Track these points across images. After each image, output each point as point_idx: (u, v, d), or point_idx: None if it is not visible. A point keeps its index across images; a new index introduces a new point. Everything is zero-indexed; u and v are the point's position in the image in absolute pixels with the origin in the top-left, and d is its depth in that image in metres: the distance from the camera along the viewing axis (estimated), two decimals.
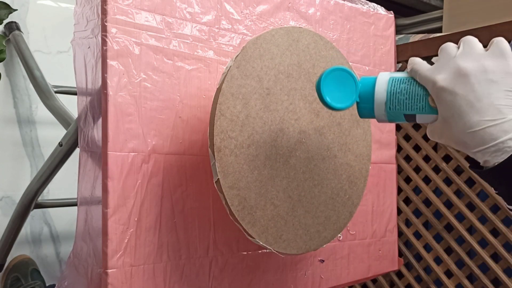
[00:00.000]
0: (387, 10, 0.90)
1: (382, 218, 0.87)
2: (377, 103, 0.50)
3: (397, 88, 0.49)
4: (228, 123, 0.54)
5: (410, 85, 0.49)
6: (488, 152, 0.45)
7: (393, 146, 0.89)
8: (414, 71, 0.49)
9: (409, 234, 1.16)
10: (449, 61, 0.47)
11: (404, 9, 1.66)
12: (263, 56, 0.58)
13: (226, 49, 0.66)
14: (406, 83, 0.49)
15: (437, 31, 1.42)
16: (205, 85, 0.64)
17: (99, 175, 0.60)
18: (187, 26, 0.62)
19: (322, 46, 0.64)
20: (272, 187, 0.58)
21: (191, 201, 0.62)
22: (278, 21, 0.72)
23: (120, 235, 0.55)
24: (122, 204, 0.56)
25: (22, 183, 1.07)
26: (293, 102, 0.60)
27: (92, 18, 0.62)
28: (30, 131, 1.09)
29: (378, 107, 0.50)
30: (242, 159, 0.55)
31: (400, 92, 0.49)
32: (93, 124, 0.62)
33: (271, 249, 0.59)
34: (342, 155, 0.66)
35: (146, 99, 0.58)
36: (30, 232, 1.10)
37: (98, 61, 0.60)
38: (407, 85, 0.49)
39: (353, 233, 0.82)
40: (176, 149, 0.61)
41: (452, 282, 1.08)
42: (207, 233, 0.63)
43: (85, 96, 0.64)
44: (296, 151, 0.61)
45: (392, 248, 0.89)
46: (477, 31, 1.03)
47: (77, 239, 0.65)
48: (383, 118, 0.51)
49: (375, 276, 0.87)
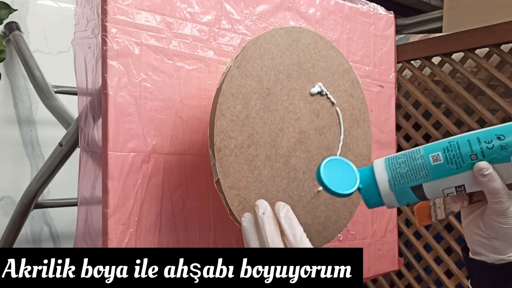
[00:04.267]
0: (387, 10, 0.90)
1: (382, 218, 0.87)
2: (380, 183, 0.48)
3: (395, 163, 0.48)
4: (228, 123, 0.54)
5: (407, 158, 0.48)
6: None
7: (393, 146, 0.89)
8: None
9: (409, 234, 1.16)
10: None
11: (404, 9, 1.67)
12: (263, 56, 0.58)
13: (226, 49, 0.66)
14: (402, 158, 0.48)
15: (437, 31, 1.42)
16: (205, 85, 0.64)
17: (99, 175, 0.60)
18: (187, 26, 0.62)
19: (322, 46, 0.64)
20: (272, 187, 0.58)
21: (191, 201, 0.62)
22: (278, 21, 0.72)
23: (120, 235, 0.55)
24: (122, 204, 0.56)
25: (22, 183, 1.07)
26: (293, 102, 0.60)
27: (92, 18, 0.62)
28: (30, 131, 1.09)
29: (382, 188, 0.48)
30: (242, 159, 0.55)
31: (399, 166, 0.48)
32: (93, 124, 0.62)
33: None
34: (342, 155, 0.66)
35: (146, 99, 0.58)
36: (30, 232, 1.10)
37: (98, 61, 0.60)
38: (404, 159, 0.48)
39: (353, 233, 0.82)
40: (176, 149, 0.61)
41: (452, 282, 1.08)
42: (207, 233, 0.63)
43: (85, 96, 0.64)
44: (296, 151, 0.61)
45: (392, 248, 0.89)
46: (477, 31, 1.04)
47: (77, 239, 0.65)
48: (391, 198, 0.49)
49: (375, 276, 0.87)
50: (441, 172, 0.47)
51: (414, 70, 1.17)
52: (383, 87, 0.88)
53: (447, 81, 1.10)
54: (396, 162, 0.48)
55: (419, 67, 1.17)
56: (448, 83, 1.10)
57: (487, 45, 1.03)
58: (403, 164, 0.48)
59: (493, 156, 0.45)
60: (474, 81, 1.04)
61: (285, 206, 0.49)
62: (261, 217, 0.48)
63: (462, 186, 0.47)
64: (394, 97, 0.90)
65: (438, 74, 1.12)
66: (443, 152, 0.47)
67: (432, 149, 0.48)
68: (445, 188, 0.47)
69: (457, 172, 0.46)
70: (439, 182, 0.47)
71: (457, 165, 0.46)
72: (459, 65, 1.08)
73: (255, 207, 0.49)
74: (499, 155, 0.45)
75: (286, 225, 0.47)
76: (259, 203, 0.49)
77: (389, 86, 0.89)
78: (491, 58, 1.04)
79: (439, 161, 0.47)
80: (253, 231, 0.48)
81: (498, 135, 0.46)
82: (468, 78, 1.06)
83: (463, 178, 0.46)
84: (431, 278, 1.12)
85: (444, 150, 0.47)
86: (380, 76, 0.87)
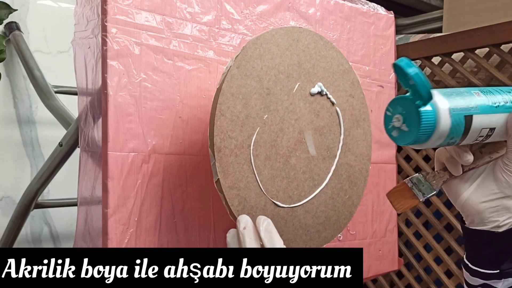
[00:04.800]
0: (387, 10, 0.90)
1: (382, 218, 0.87)
2: (441, 108, 0.48)
3: (452, 95, 0.49)
4: (228, 123, 0.54)
5: (461, 91, 0.50)
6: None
7: (393, 146, 0.89)
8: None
9: (409, 234, 1.16)
10: None
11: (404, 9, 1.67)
12: (263, 56, 0.58)
13: (226, 49, 0.66)
14: (456, 90, 0.50)
15: (437, 31, 1.42)
16: (205, 85, 0.64)
17: (99, 175, 0.60)
18: (187, 26, 0.62)
19: (322, 46, 0.64)
20: (272, 187, 0.58)
21: (191, 201, 0.62)
22: (278, 21, 0.72)
23: (120, 235, 0.55)
24: (122, 204, 0.56)
25: (22, 183, 1.07)
26: (293, 102, 0.60)
27: (92, 18, 0.62)
28: (30, 131, 1.09)
29: (443, 113, 0.48)
30: (242, 159, 0.55)
31: (455, 98, 0.49)
32: (93, 124, 0.62)
33: None
34: (342, 155, 0.66)
35: (146, 99, 0.58)
36: (30, 232, 1.10)
37: (98, 61, 0.60)
38: (458, 90, 0.50)
39: (353, 233, 0.82)
40: (176, 149, 0.61)
41: (452, 282, 1.08)
42: (207, 233, 0.63)
43: (85, 96, 0.64)
44: (296, 151, 0.61)
45: (392, 248, 0.89)
46: (477, 31, 1.03)
47: (77, 239, 0.65)
48: (446, 125, 0.48)
49: (375, 276, 0.87)
50: (485, 107, 0.49)
51: None
52: (383, 87, 0.88)
53: (447, 81, 1.10)
54: (451, 93, 0.49)
55: (419, 67, 1.17)
56: (448, 83, 1.10)
57: (487, 45, 1.03)
58: (457, 96, 0.49)
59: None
60: (474, 81, 1.04)
61: (265, 220, 0.51)
62: (242, 232, 0.49)
63: (493, 130, 0.49)
64: (394, 97, 0.90)
65: (438, 74, 1.12)
66: (488, 92, 0.50)
67: (483, 89, 0.51)
68: (484, 127, 0.49)
69: (496, 111, 0.49)
70: (483, 118, 0.49)
71: (495, 104, 0.49)
72: (459, 65, 1.08)
73: (237, 222, 0.51)
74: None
75: (266, 239, 0.49)
76: (241, 218, 0.51)
77: (389, 86, 0.89)
78: (491, 58, 1.04)
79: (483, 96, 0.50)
80: (236, 246, 0.50)
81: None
82: (468, 78, 1.06)
83: (497, 120, 0.49)
84: (431, 278, 1.12)
85: (488, 92, 0.50)
86: (380, 76, 0.87)
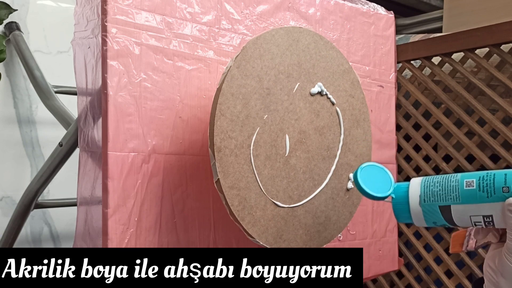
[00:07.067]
0: (387, 10, 0.90)
1: (382, 218, 0.87)
2: (412, 197, 0.50)
3: (430, 182, 0.49)
4: (228, 123, 0.54)
5: (443, 179, 0.49)
6: None
7: (393, 146, 0.89)
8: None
9: (409, 234, 1.16)
10: None
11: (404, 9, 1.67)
12: (263, 56, 0.58)
13: (226, 49, 0.66)
14: (439, 178, 0.49)
15: (437, 31, 1.42)
16: (205, 85, 0.64)
17: (99, 175, 0.60)
18: (187, 26, 0.62)
19: (322, 46, 0.64)
20: (272, 187, 0.58)
21: (191, 201, 0.62)
22: (278, 21, 0.72)
23: (120, 235, 0.55)
24: (122, 204, 0.56)
25: (22, 183, 1.07)
26: (293, 102, 0.60)
27: (92, 18, 0.62)
28: (30, 131, 1.09)
29: (412, 202, 0.50)
30: (242, 159, 0.55)
31: (434, 185, 0.49)
32: (93, 124, 0.62)
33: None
34: (342, 155, 0.66)
35: (146, 99, 0.58)
36: (30, 232, 1.10)
37: (98, 61, 0.60)
38: (440, 180, 0.49)
39: (353, 233, 0.82)
40: (176, 149, 0.61)
41: (452, 282, 1.08)
42: (207, 233, 0.63)
43: (85, 96, 0.64)
44: (296, 151, 0.61)
45: (392, 248, 0.89)
46: (477, 31, 1.03)
47: (77, 239, 0.65)
48: (419, 214, 0.50)
49: (375, 276, 0.87)
50: (471, 197, 0.47)
51: (414, 70, 1.17)
52: (383, 87, 0.88)
53: (447, 81, 1.10)
54: (432, 181, 0.49)
55: (419, 67, 1.17)
56: (448, 83, 1.10)
57: (487, 45, 1.03)
58: (437, 184, 0.49)
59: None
60: (474, 81, 1.04)
61: None
62: None
63: (490, 217, 0.47)
64: (394, 97, 0.90)
65: (438, 74, 1.12)
66: (478, 179, 0.47)
67: (469, 176, 0.48)
68: (472, 215, 0.47)
69: (487, 201, 0.46)
70: (467, 207, 0.47)
71: (488, 194, 0.46)
72: (459, 65, 1.08)
73: None
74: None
75: None
76: None
77: (389, 86, 0.89)
78: (491, 58, 1.04)
79: (472, 186, 0.47)
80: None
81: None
82: (468, 78, 1.06)
83: (492, 209, 0.46)
84: (431, 278, 1.12)
85: (479, 178, 0.47)
86: (380, 76, 0.87)
